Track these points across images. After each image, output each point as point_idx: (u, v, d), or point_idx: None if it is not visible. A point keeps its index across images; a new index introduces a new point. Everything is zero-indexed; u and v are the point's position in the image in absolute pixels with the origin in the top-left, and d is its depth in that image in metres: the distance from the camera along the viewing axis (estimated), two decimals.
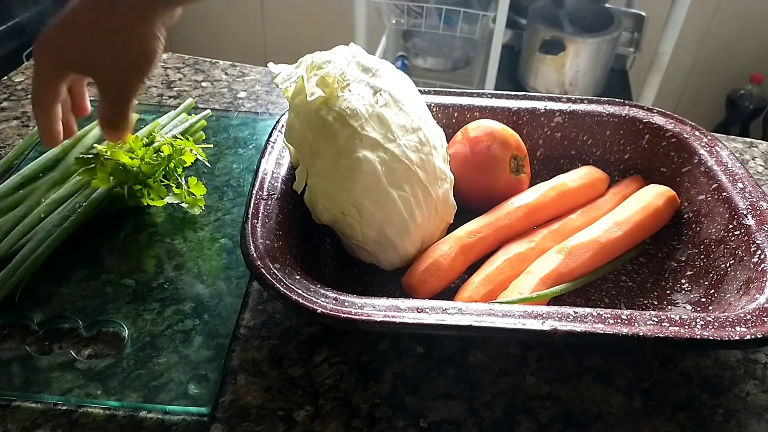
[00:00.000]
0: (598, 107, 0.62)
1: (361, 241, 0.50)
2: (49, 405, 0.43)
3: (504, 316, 0.42)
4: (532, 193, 0.57)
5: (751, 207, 0.51)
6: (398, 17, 1.70)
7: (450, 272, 0.51)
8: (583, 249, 0.52)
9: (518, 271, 0.52)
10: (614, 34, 1.54)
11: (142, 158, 0.57)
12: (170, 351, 0.46)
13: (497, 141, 0.57)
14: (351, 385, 0.45)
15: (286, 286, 0.43)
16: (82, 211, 0.55)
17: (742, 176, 0.54)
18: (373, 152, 0.47)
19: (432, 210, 0.51)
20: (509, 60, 1.70)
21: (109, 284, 0.52)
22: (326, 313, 0.41)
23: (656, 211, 0.56)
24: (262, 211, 0.49)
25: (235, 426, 0.43)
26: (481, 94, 0.64)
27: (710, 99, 1.94)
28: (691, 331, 0.41)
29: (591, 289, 0.53)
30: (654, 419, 0.44)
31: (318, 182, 0.49)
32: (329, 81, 0.47)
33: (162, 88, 0.78)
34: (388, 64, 0.53)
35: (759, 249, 0.48)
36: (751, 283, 0.47)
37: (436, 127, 0.54)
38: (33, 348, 0.46)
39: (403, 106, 0.50)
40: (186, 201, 0.58)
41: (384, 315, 0.42)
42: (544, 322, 0.41)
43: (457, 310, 0.42)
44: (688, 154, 0.58)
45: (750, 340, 0.41)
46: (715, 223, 0.53)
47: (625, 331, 0.41)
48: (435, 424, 0.44)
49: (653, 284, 0.54)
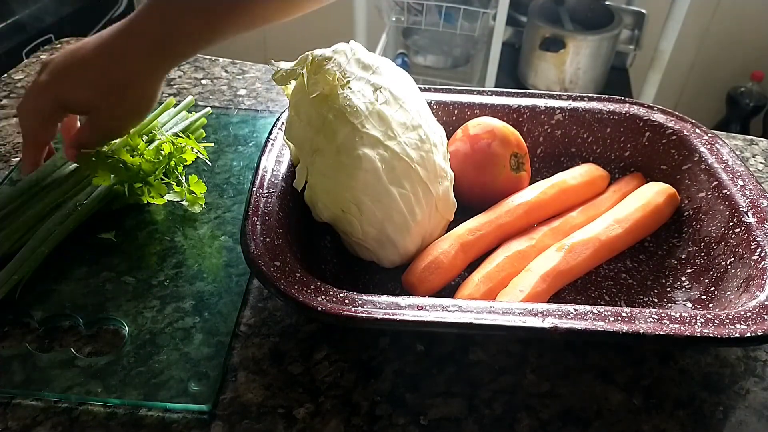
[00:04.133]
0: (598, 105, 0.62)
1: (362, 239, 0.50)
2: (49, 402, 0.43)
3: (504, 313, 0.42)
4: (533, 190, 0.57)
5: (751, 204, 0.51)
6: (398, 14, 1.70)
7: (450, 270, 0.51)
8: (584, 246, 0.52)
9: (518, 269, 0.51)
10: (614, 31, 1.54)
11: (143, 156, 0.57)
12: (170, 348, 0.46)
13: (498, 138, 0.57)
14: (351, 383, 0.45)
15: (286, 284, 0.43)
16: (82, 208, 0.55)
17: (743, 174, 0.54)
18: (373, 150, 0.47)
19: (432, 208, 0.51)
20: (509, 57, 1.70)
21: (109, 282, 0.52)
22: (326, 311, 0.41)
23: (656, 208, 0.56)
24: (262, 208, 0.49)
25: (235, 423, 0.43)
26: (482, 92, 0.64)
27: (710, 96, 1.94)
28: (691, 329, 0.41)
29: (591, 286, 0.53)
30: (654, 416, 0.44)
31: (318, 180, 0.49)
32: (329, 78, 0.47)
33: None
34: (389, 62, 0.53)
35: (759, 246, 0.48)
36: (751, 280, 0.47)
37: (437, 125, 0.54)
38: (33, 346, 0.46)
39: (404, 104, 0.50)
40: (186, 199, 0.58)
41: (384, 312, 0.42)
42: (544, 320, 0.41)
43: (458, 308, 0.42)
44: (688, 152, 0.58)
45: (750, 337, 0.40)
46: (715, 220, 0.53)
47: (625, 328, 0.41)
48: (435, 421, 0.44)
49: (653, 282, 0.54)
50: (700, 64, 1.92)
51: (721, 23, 1.82)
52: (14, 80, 0.77)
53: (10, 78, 0.77)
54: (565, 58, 1.54)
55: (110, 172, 0.55)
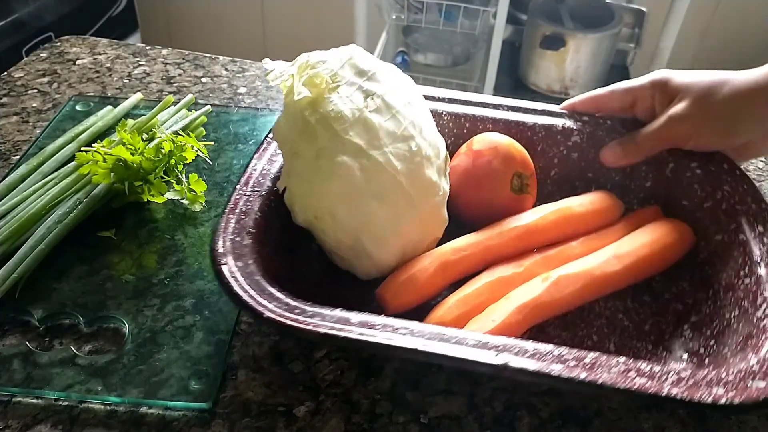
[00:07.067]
0: (621, 128, 0.57)
1: (335, 247, 0.49)
2: (49, 401, 0.43)
3: (457, 343, 0.39)
4: (531, 214, 0.53)
5: (767, 255, 0.46)
6: (398, 13, 1.70)
7: (425, 288, 0.48)
8: (572, 280, 0.48)
9: (498, 296, 0.48)
10: (615, 29, 1.54)
11: (143, 154, 0.56)
12: (171, 347, 0.46)
13: (500, 156, 0.54)
14: (351, 381, 0.46)
15: (239, 286, 0.42)
16: (82, 207, 0.55)
17: (766, 219, 0.49)
18: (354, 158, 0.45)
19: (416, 222, 0.48)
20: (510, 56, 1.70)
21: (109, 280, 0.52)
22: (271, 319, 0.40)
23: (665, 247, 0.51)
24: (241, 207, 0.48)
25: (235, 422, 0.43)
26: (497, 106, 0.60)
27: None
28: (658, 387, 0.37)
29: (581, 323, 0.50)
30: (654, 415, 0.44)
31: (295, 183, 0.48)
32: (317, 82, 0.46)
33: (162, 83, 0.77)
34: (393, 68, 0.52)
35: (765, 302, 0.43)
36: (750, 339, 0.42)
37: (437, 138, 0.51)
38: (33, 344, 0.47)
39: (397, 113, 0.48)
40: (187, 197, 0.58)
41: (330, 327, 0.39)
42: (497, 355, 0.38)
43: (408, 331, 0.40)
44: (711, 188, 0.53)
45: (724, 405, 0.36)
46: (727, 267, 0.48)
47: (582, 376, 0.37)
48: (436, 419, 0.44)
49: (652, 326, 0.49)
50: (701, 63, 1.92)
51: (721, 21, 1.82)
52: (14, 78, 0.77)
53: (9, 76, 0.77)
54: (566, 56, 1.54)
55: (110, 171, 0.55)
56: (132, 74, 0.79)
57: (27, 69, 0.79)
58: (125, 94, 0.75)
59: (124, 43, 0.86)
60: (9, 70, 0.79)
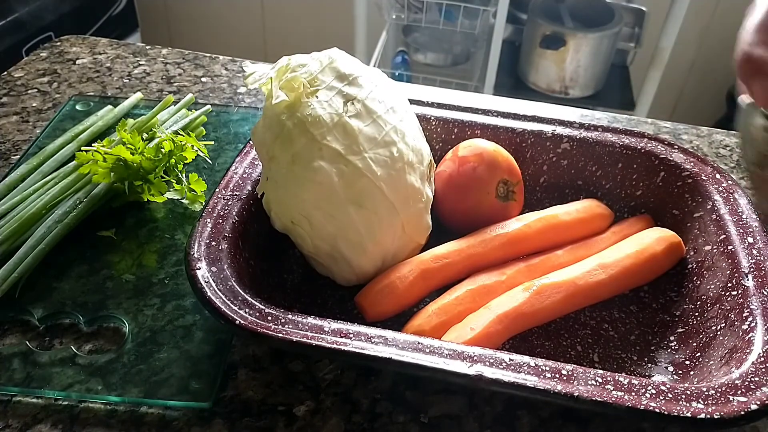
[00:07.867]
0: (612, 137, 0.57)
1: (313, 253, 0.48)
2: (50, 400, 0.43)
3: (431, 353, 0.39)
4: (516, 222, 0.52)
5: (755, 266, 0.46)
6: (398, 12, 1.70)
7: (404, 296, 0.47)
8: (554, 289, 0.47)
9: (479, 305, 0.47)
10: (615, 29, 1.54)
11: (143, 154, 0.56)
12: (171, 346, 0.47)
13: (485, 163, 0.53)
14: (351, 381, 0.46)
15: (212, 292, 0.41)
16: (82, 206, 0.55)
17: (755, 230, 0.48)
18: (331, 163, 0.45)
19: (397, 229, 0.48)
20: (510, 55, 1.70)
21: (109, 279, 0.52)
22: (243, 326, 0.39)
23: (652, 256, 0.50)
24: (219, 210, 0.47)
25: (235, 421, 0.43)
26: (486, 112, 0.59)
27: (711, 94, 1.94)
28: (636, 400, 0.36)
29: (565, 333, 0.49)
30: None
31: (271, 188, 0.47)
32: (296, 85, 0.46)
33: (162, 83, 0.77)
34: (378, 73, 0.51)
35: (751, 315, 0.43)
36: (734, 352, 0.41)
37: (421, 144, 0.51)
38: (34, 343, 0.47)
39: (378, 118, 0.47)
40: (187, 197, 0.58)
41: (303, 335, 0.39)
42: (471, 366, 0.38)
43: (382, 340, 0.39)
44: (702, 198, 0.53)
45: (703, 420, 0.35)
46: (715, 278, 0.48)
47: (558, 388, 0.36)
48: (436, 419, 0.44)
49: (638, 337, 0.49)
50: (701, 62, 1.92)
51: (722, 21, 1.82)
52: (14, 78, 0.77)
53: (9, 76, 0.77)
54: (566, 55, 1.54)
55: (110, 170, 0.56)
56: (132, 74, 0.79)
57: (27, 68, 0.79)
58: (125, 94, 0.75)
59: (124, 42, 0.86)
60: (9, 69, 0.79)
